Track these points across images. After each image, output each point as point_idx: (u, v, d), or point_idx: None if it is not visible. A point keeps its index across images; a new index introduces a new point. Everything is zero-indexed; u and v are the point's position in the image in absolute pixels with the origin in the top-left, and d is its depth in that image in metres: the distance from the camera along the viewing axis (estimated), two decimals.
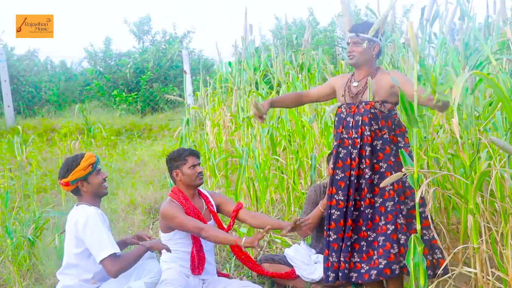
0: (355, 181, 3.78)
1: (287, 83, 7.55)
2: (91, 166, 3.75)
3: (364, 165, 3.76)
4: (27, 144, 9.39)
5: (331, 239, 3.82)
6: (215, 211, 4.44)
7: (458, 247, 3.84)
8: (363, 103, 3.79)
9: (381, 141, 3.75)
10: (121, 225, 6.09)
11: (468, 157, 3.44)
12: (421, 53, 5.25)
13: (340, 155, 3.85)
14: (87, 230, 3.60)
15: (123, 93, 15.28)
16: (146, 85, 15.17)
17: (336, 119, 3.94)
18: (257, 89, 7.55)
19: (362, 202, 3.77)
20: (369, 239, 3.76)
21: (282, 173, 6.44)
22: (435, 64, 4.73)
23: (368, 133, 3.74)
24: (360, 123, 3.77)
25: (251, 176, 5.98)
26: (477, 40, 4.45)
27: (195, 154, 4.38)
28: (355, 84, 3.89)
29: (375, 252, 3.71)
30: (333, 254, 3.76)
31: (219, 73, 9.41)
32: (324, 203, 4.48)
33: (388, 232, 3.64)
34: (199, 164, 4.34)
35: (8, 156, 9.43)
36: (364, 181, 3.76)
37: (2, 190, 5.89)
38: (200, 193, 4.48)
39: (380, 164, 3.74)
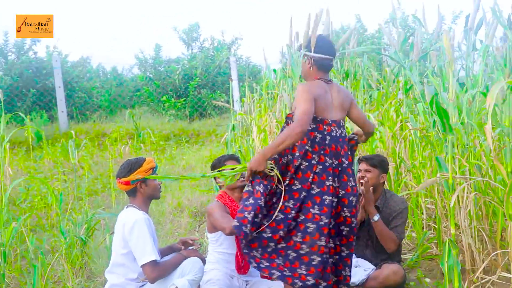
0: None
1: None
2: (151, 169, 4.01)
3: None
4: (79, 148, 9.72)
5: (322, 223, 3.70)
6: None
7: (491, 250, 3.87)
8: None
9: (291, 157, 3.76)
10: (169, 227, 6.29)
11: (506, 165, 3.49)
12: (468, 61, 5.31)
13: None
14: (133, 234, 3.82)
15: (172, 99, 15.55)
16: (194, 91, 15.41)
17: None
18: None
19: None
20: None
21: None
22: (477, 72, 4.78)
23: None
24: None
25: None
26: None
27: (234, 158, 4.51)
28: None
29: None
30: (322, 238, 3.69)
31: (266, 79, 9.53)
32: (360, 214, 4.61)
33: None
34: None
35: (62, 160, 9.76)
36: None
37: (56, 192, 6.13)
38: None
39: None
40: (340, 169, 3.76)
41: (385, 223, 4.59)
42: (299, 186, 3.69)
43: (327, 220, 3.66)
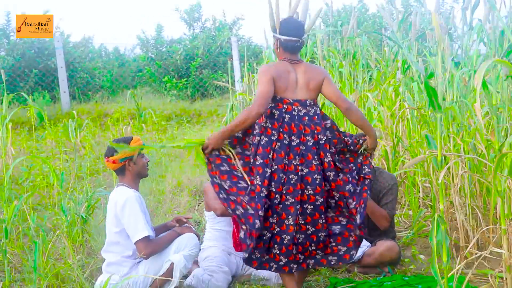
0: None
1: (329, 69, 7.67)
2: (141, 154, 4.09)
3: None
4: (81, 128, 9.77)
5: (288, 203, 3.79)
6: None
7: (484, 228, 3.95)
8: None
9: None
10: (168, 205, 6.37)
11: (496, 142, 3.55)
12: (464, 41, 5.34)
13: None
14: (125, 212, 3.93)
15: (174, 79, 15.59)
16: (196, 72, 15.44)
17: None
18: None
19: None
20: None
21: None
22: (472, 52, 4.82)
23: None
24: None
25: None
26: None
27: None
28: None
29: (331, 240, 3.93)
30: (289, 217, 3.77)
31: (266, 60, 9.55)
32: None
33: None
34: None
35: (64, 140, 9.83)
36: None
37: (58, 171, 6.20)
38: None
39: None
40: (303, 147, 3.81)
41: (375, 199, 4.65)
42: (261, 161, 3.76)
43: (293, 200, 3.76)
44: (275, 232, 3.79)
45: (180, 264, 3.98)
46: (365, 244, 4.68)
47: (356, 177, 3.97)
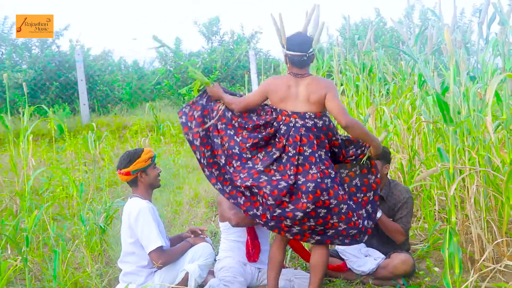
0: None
1: (346, 83, 7.73)
2: (150, 159, 4.16)
3: None
4: (100, 140, 9.91)
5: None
6: None
7: (497, 241, 3.95)
8: None
9: None
10: (185, 216, 6.43)
11: (509, 155, 3.57)
12: (481, 55, 5.36)
13: None
14: (138, 223, 4.01)
15: (192, 92, 15.68)
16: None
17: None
18: None
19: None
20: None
21: None
22: (487, 66, 4.84)
23: None
24: None
25: None
26: None
27: None
28: None
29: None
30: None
31: (283, 73, 9.61)
32: None
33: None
34: None
35: (83, 152, 9.95)
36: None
37: (77, 182, 6.30)
38: None
39: None
40: (300, 157, 3.96)
41: (390, 213, 4.71)
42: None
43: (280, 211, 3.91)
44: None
45: (195, 274, 4.04)
46: (379, 256, 4.71)
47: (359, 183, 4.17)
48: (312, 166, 3.92)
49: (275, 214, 3.88)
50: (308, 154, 3.94)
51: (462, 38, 6.28)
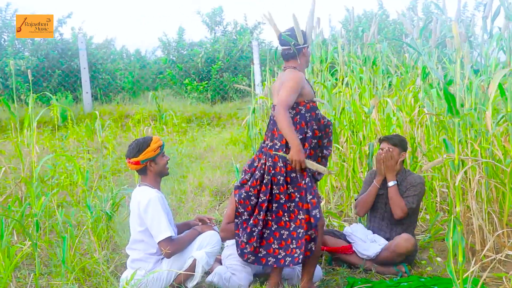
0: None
1: (350, 75, 7.77)
2: (159, 148, 4.20)
3: None
4: (103, 129, 9.95)
5: (260, 200, 4.18)
6: None
7: (499, 231, 4.02)
8: None
9: None
10: (190, 205, 6.50)
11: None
12: (486, 49, 5.41)
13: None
14: (148, 213, 4.07)
15: (194, 82, 15.75)
16: (216, 75, 15.59)
17: (310, 113, 4.18)
18: (323, 80, 7.78)
19: (281, 196, 4.12)
20: (290, 228, 4.14)
21: (344, 161, 6.68)
22: (490, 59, 4.90)
23: None
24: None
25: None
26: None
27: None
28: None
29: (293, 241, 4.10)
30: (261, 212, 4.17)
31: None
32: (379, 179, 4.91)
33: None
34: None
35: (86, 140, 10.02)
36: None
37: (82, 169, 6.35)
38: None
39: None
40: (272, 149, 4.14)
41: (401, 193, 4.87)
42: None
43: (264, 198, 4.12)
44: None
45: (202, 261, 4.11)
46: (384, 242, 4.82)
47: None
48: (280, 159, 4.09)
49: None
50: (277, 147, 4.14)
51: (465, 31, 6.33)
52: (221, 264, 4.56)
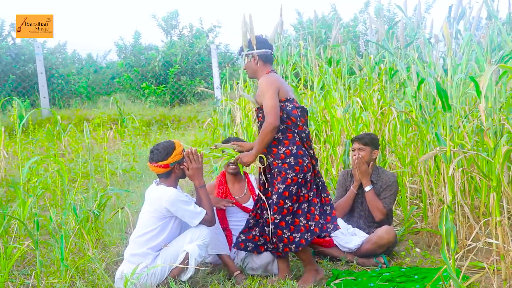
0: None
1: (311, 77, 8.01)
2: (183, 151, 4.33)
3: None
4: (65, 133, 9.90)
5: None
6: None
7: (482, 221, 4.29)
8: None
9: None
10: None
11: (492, 141, 3.90)
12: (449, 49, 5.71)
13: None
14: (177, 205, 4.21)
15: (152, 86, 15.76)
16: (174, 78, 15.63)
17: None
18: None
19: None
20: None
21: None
22: (461, 59, 5.19)
23: None
24: None
25: None
26: (500, 36, 4.92)
27: (239, 140, 4.93)
28: None
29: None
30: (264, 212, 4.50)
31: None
32: (355, 185, 5.12)
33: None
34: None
35: (46, 145, 9.96)
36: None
37: (61, 173, 6.29)
38: (247, 177, 5.08)
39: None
40: None
41: (377, 194, 5.15)
42: None
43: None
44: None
45: (195, 253, 4.25)
46: (364, 235, 5.06)
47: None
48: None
49: None
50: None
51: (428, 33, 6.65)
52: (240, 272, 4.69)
